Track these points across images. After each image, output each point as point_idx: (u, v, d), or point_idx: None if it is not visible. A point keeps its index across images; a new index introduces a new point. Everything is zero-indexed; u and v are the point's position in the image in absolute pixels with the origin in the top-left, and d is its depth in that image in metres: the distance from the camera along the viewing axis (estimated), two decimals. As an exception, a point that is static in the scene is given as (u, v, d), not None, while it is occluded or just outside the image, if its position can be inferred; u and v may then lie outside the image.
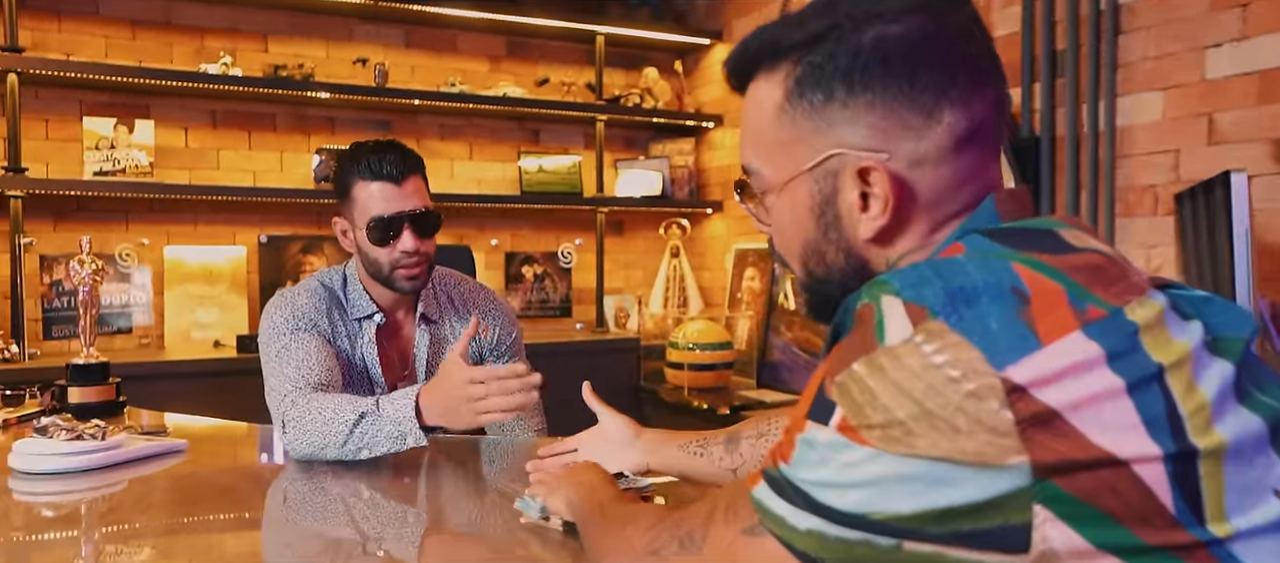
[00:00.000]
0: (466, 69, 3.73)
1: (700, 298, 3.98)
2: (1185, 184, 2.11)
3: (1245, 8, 2.01)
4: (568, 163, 3.81)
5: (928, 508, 0.58)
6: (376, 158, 1.62)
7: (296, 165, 3.45)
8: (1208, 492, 0.57)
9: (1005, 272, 0.61)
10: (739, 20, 3.78)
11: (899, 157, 0.70)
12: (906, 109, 0.69)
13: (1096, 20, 2.29)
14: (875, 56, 0.69)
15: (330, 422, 1.37)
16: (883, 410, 0.59)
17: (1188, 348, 0.60)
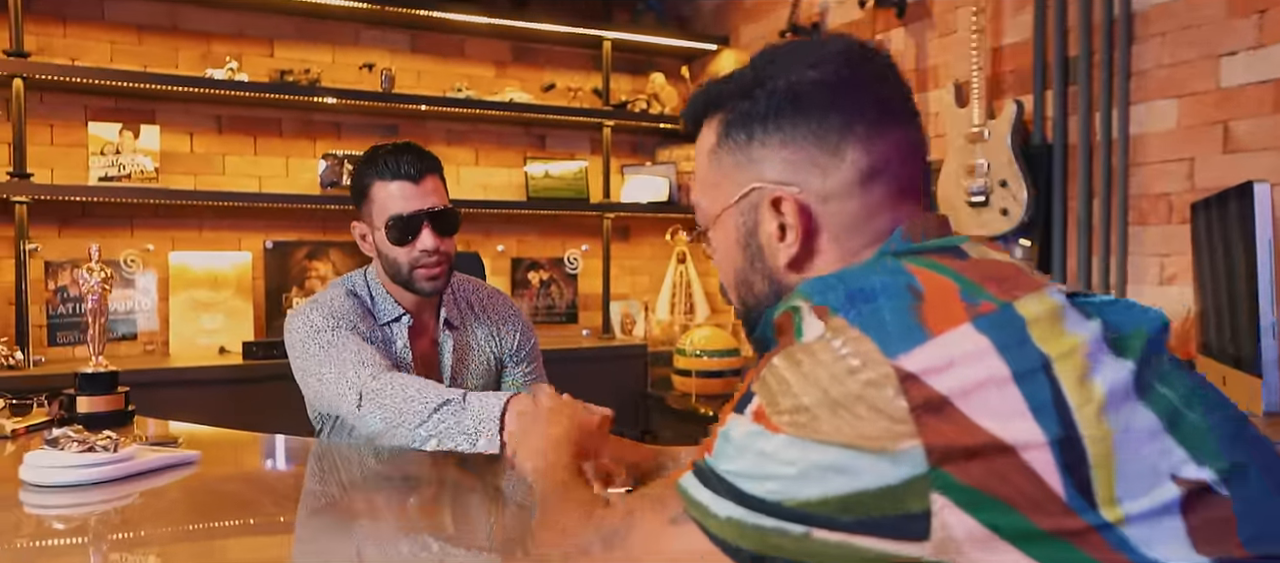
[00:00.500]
0: (473, 74, 3.72)
1: (707, 304, 3.97)
2: (1201, 193, 2.10)
3: (1262, 15, 2.00)
4: (574, 169, 3.80)
5: (833, 494, 0.62)
6: (394, 158, 1.61)
7: (302, 171, 3.43)
8: (1098, 479, 0.60)
9: (901, 273, 0.68)
10: (747, 25, 3.78)
11: (809, 190, 0.77)
12: (815, 147, 0.76)
13: (1109, 28, 2.28)
14: (788, 100, 0.77)
15: (412, 400, 1.34)
16: (792, 398, 0.64)
17: (1080, 342, 0.63)
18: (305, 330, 1.57)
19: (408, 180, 1.60)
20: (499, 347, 1.81)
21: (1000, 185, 2.45)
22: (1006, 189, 2.44)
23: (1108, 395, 0.61)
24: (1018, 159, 2.42)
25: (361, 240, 1.71)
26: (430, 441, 1.31)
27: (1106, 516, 0.59)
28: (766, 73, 0.79)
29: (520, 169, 3.78)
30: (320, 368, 1.50)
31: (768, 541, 0.65)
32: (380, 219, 1.62)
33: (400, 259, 1.62)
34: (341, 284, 1.73)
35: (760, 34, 3.68)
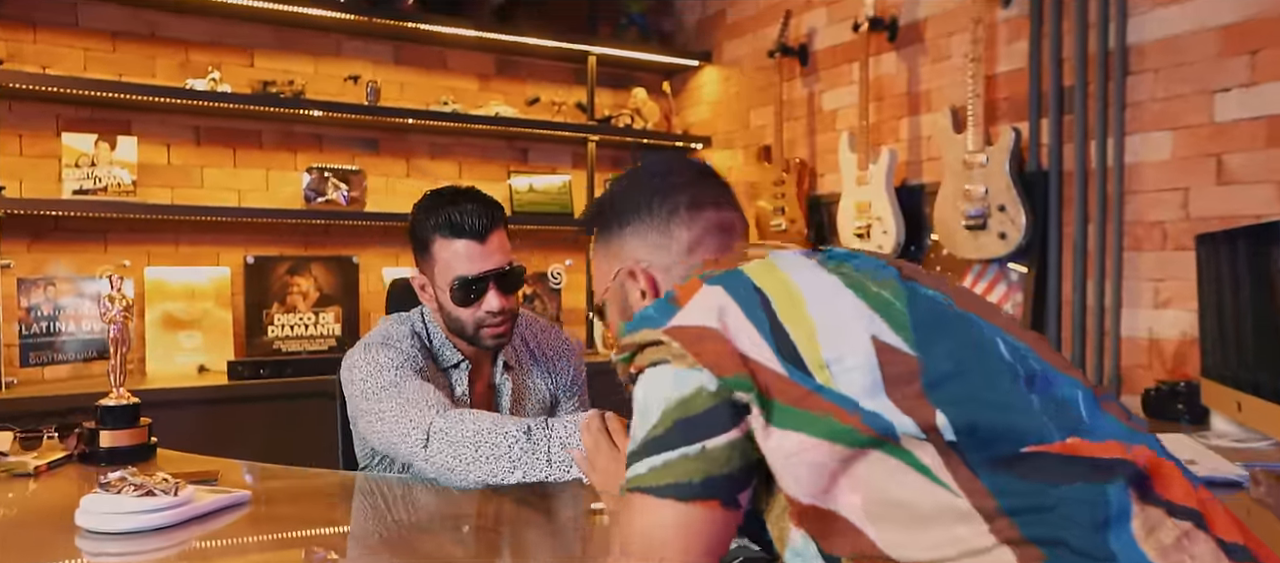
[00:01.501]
0: (456, 87, 3.68)
1: (688, 319, 3.99)
2: (1195, 222, 2.20)
3: (1254, 55, 2.11)
4: (558, 183, 3.78)
5: (686, 391, 0.81)
6: (458, 212, 1.53)
7: (283, 184, 3.35)
8: (804, 350, 0.80)
9: (668, 295, 0.91)
10: (729, 42, 3.81)
11: (654, 263, 1.05)
12: (650, 230, 1.05)
13: (1104, 60, 2.37)
14: (631, 203, 1.07)
15: (489, 433, 1.32)
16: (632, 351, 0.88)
17: (785, 269, 0.87)
18: (369, 368, 1.53)
19: (474, 239, 1.53)
20: (554, 384, 1.79)
21: (998, 210, 2.53)
22: (1004, 213, 2.51)
23: (805, 289, 0.85)
24: (1015, 185, 2.50)
25: (421, 291, 1.65)
26: (515, 472, 1.29)
27: (819, 379, 0.79)
28: (622, 186, 1.10)
29: (503, 183, 3.75)
30: (381, 407, 1.47)
31: (678, 470, 0.81)
32: (443, 279, 1.56)
33: (464, 318, 1.58)
34: (403, 322, 1.67)
35: (743, 51, 3.72)
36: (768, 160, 3.41)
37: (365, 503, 1.53)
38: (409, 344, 1.59)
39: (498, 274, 1.55)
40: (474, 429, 1.32)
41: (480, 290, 1.54)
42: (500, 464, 1.29)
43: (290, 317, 3.25)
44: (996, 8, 2.67)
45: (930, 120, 2.91)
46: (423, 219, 1.58)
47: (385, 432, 1.44)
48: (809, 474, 0.78)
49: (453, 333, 1.63)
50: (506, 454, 1.29)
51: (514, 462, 1.28)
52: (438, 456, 1.35)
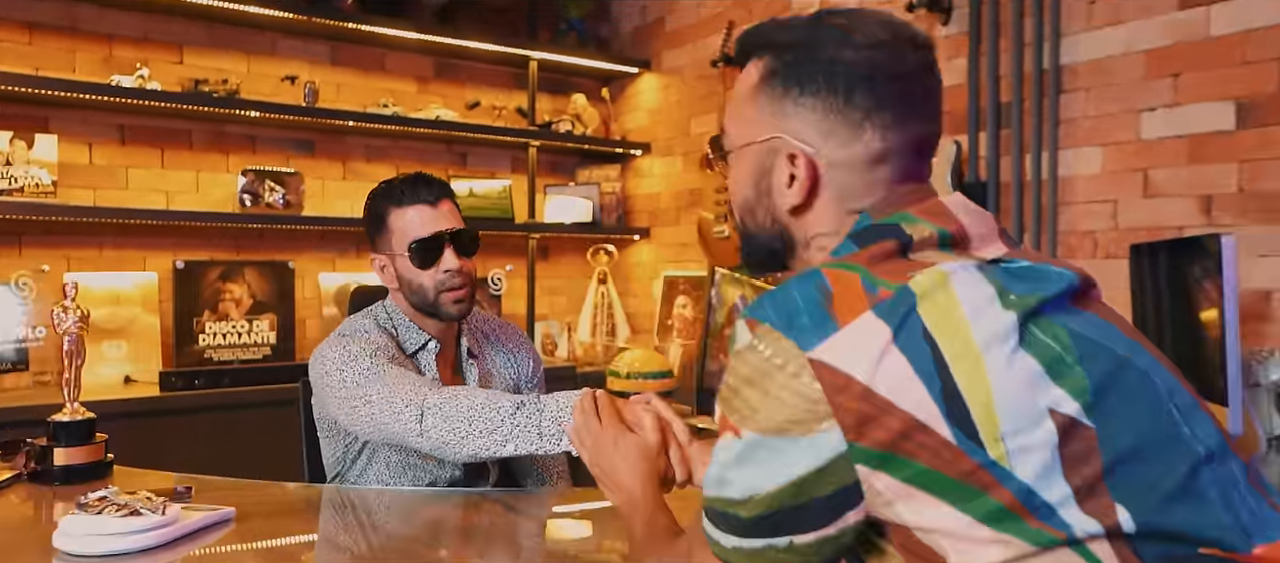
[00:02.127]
0: (395, 89, 3.61)
1: (628, 325, 4.01)
2: (1124, 232, 2.35)
3: (1176, 77, 2.26)
4: (498, 188, 3.75)
5: (782, 483, 0.73)
6: (410, 186, 1.64)
7: (215, 186, 3.23)
8: (981, 421, 0.69)
9: (815, 275, 0.77)
10: (668, 51, 3.86)
11: (823, 155, 0.86)
12: (838, 120, 0.85)
13: (1039, 78, 2.50)
14: (825, 73, 0.85)
15: (483, 407, 1.33)
16: (737, 394, 0.76)
17: (963, 305, 0.72)
18: (342, 358, 1.53)
19: (425, 205, 1.63)
20: (517, 372, 1.84)
21: (940, 219, 2.63)
22: (946, 223, 2.62)
23: (983, 348, 0.71)
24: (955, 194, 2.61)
25: (381, 272, 1.70)
26: (507, 445, 1.30)
27: (992, 454, 0.69)
28: (817, 37, 0.86)
29: (444, 188, 3.70)
30: (366, 391, 1.46)
31: (767, 557, 0.76)
32: (401, 246, 1.62)
33: (425, 283, 1.62)
34: (366, 316, 1.70)
35: (683, 60, 3.77)
36: (710, 168, 3.45)
37: (351, 517, 1.50)
38: (375, 333, 1.61)
39: (452, 234, 1.62)
40: (468, 405, 1.34)
41: (437, 249, 1.60)
42: (494, 437, 1.31)
43: (222, 324, 3.13)
44: (938, 25, 2.78)
45: (871, 132, 3.01)
46: (377, 201, 1.67)
47: (375, 414, 1.43)
48: (962, 546, 0.70)
49: (416, 308, 1.66)
50: (500, 427, 1.31)
51: (506, 435, 1.31)
52: (433, 430, 1.35)
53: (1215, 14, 2.19)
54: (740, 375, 0.76)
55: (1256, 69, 2.13)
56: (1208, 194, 2.21)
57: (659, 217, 3.96)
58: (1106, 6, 2.39)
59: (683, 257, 3.83)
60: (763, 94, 0.89)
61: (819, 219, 0.88)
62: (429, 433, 1.36)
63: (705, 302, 3.62)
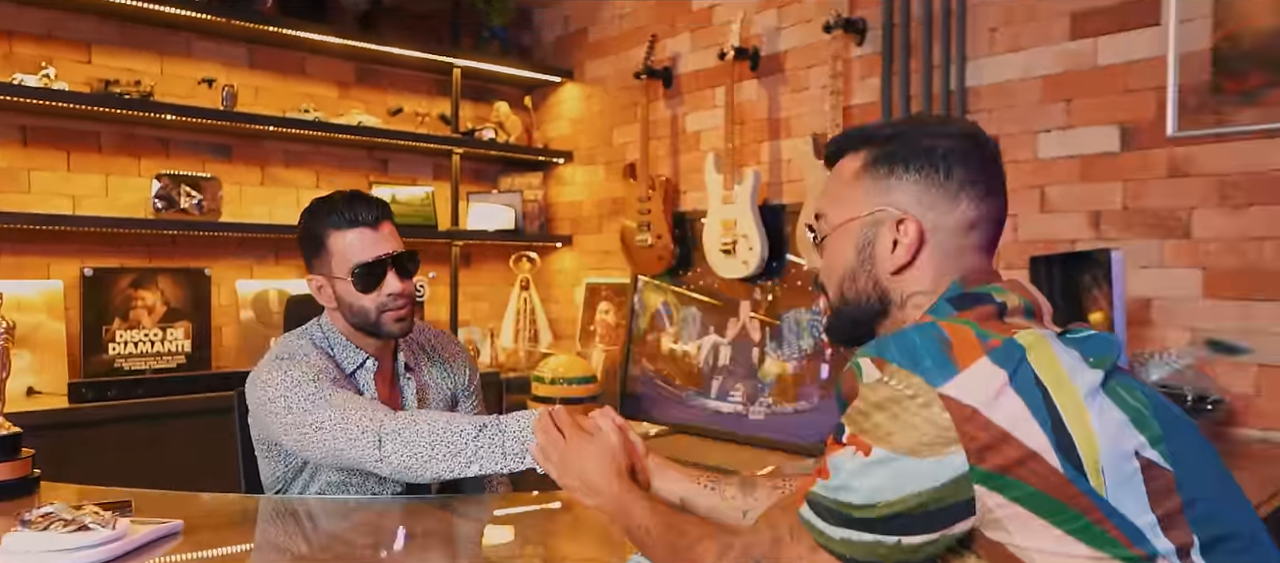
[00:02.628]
0: (315, 94, 3.56)
1: (550, 330, 4.05)
2: (1024, 245, 2.53)
3: (1069, 102, 2.45)
4: (421, 194, 3.74)
5: (907, 494, 0.84)
6: (348, 206, 1.62)
7: (125, 190, 3.12)
8: (1085, 456, 0.83)
9: (933, 327, 0.90)
10: (591, 61, 3.92)
11: (926, 221, 1.01)
12: (938, 192, 1.01)
13: (947, 99, 2.67)
14: (925, 152, 1.01)
15: (444, 432, 1.36)
16: (868, 417, 0.87)
17: (1063, 361, 0.87)
18: (285, 384, 1.52)
19: (366, 227, 1.62)
20: (453, 383, 1.86)
21: (855, 230, 2.77)
22: (861, 234, 2.77)
23: (1084, 395, 0.86)
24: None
25: (319, 292, 1.68)
26: (472, 466, 1.34)
27: (1093, 484, 0.82)
28: (913, 128, 1.04)
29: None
30: (317, 418, 1.46)
31: (874, 551, 0.87)
32: (341, 269, 1.62)
33: (368, 305, 1.62)
34: (301, 336, 1.68)
35: (606, 71, 3.84)
36: (633, 177, 3.54)
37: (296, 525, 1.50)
38: (315, 356, 1.60)
39: (394, 257, 1.62)
40: (429, 430, 1.37)
41: (380, 274, 1.60)
42: (458, 460, 1.35)
43: (134, 333, 3.03)
44: (852, 45, 2.93)
45: (791, 145, 3.15)
46: (315, 220, 1.64)
47: (328, 441, 1.44)
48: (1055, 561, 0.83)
49: (356, 329, 1.66)
50: (464, 450, 1.34)
51: (471, 457, 1.34)
52: (394, 456, 1.38)
53: (1102, 45, 2.39)
54: (871, 402, 0.87)
55: (1138, 96, 2.33)
56: (1096, 210, 2.41)
57: (581, 224, 4.01)
58: (1007, 34, 2.58)
59: (605, 264, 3.90)
60: (866, 177, 1.03)
61: (918, 278, 1.01)
62: (389, 459, 1.38)
63: (628, 308, 3.70)
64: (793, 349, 3.09)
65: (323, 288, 1.66)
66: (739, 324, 3.28)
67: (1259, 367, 2.16)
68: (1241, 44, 2.16)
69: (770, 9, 3.20)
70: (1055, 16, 2.48)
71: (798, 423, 3.03)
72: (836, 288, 1.07)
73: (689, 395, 3.40)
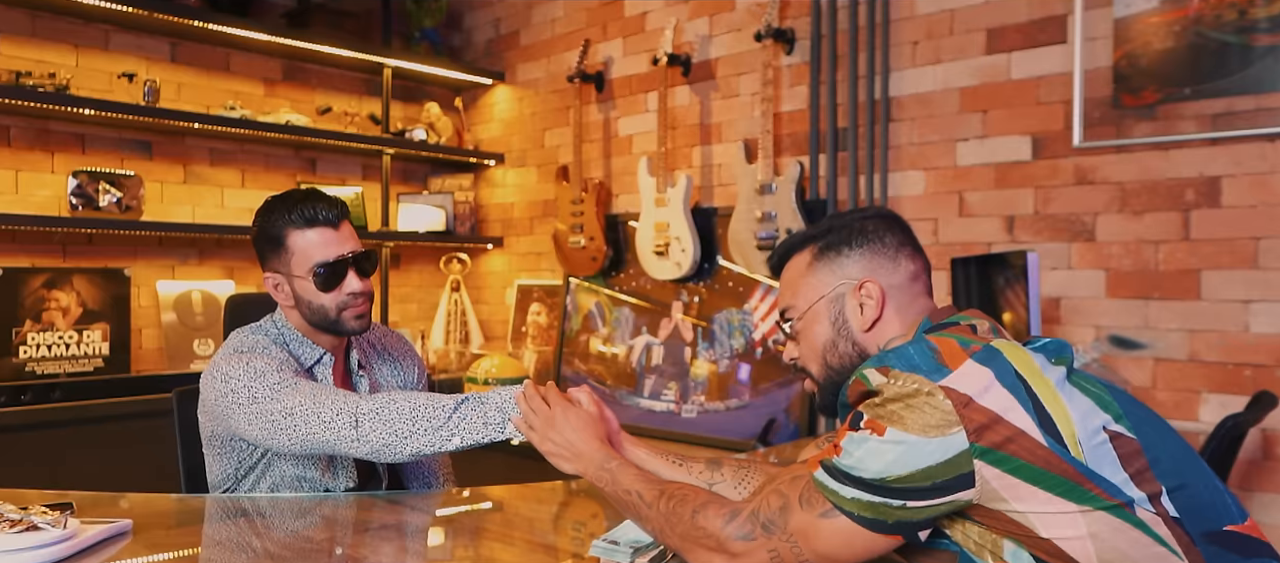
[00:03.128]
0: (240, 91, 3.49)
1: (480, 332, 4.05)
2: (944, 247, 2.67)
3: (985, 113, 2.60)
4: (350, 194, 3.69)
5: (915, 469, 0.97)
6: (309, 206, 1.63)
7: (38, 187, 3.00)
8: (1064, 434, 0.98)
9: (923, 340, 1.06)
10: (523, 64, 3.94)
11: (880, 280, 1.18)
12: (883, 257, 1.20)
13: (872, 108, 2.80)
14: (861, 231, 1.21)
15: (423, 407, 1.38)
16: (887, 407, 1.01)
17: (1033, 358, 1.03)
18: (248, 375, 1.51)
19: (327, 226, 1.63)
20: (403, 381, 1.87)
21: (787, 232, 2.88)
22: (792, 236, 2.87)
23: (1056, 384, 1.01)
24: (800, 211, 2.87)
25: (275, 290, 1.67)
26: (453, 439, 1.37)
27: (1074, 454, 0.97)
28: (842, 219, 1.24)
29: (292, 193, 3.60)
30: (286, 405, 1.47)
31: (880, 511, 1.00)
32: (302, 267, 1.62)
33: (328, 304, 1.63)
34: (258, 331, 1.67)
35: (538, 74, 3.87)
36: (566, 180, 3.58)
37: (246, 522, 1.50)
38: (274, 349, 1.61)
39: (355, 257, 1.65)
40: (409, 406, 1.40)
41: (341, 273, 1.62)
42: (440, 433, 1.38)
43: (47, 335, 2.92)
44: (782, 54, 3.03)
45: (723, 150, 3.23)
46: (273, 219, 1.64)
47: (300, 427, 1.44)
48: (1049, 521, 0.97)
49: (314, 326, 1.67)
50: (445, 423, 1.37)
51: (454, 429, 1.37)
52: (373, 435, 1.39)
53: (1015, 60, 2.55)
54: (886, 396, 1.00)
55: (1047, 109, 2.49)
56: (1010, 214, 2.56)
57: (512, 226, 4.03)
58: (928, 48, 2.72)
59: (537, 265, 3.92)
60: (819, 264, 1.21)
61: (888, 327, 1.18)
62: (368, 438, 1.39)
63: (561, 309, 3.73)
64: (724, 349, 3.18)
65: (280, 286, 1.66)
66: (671, 325, 3.35)
67: (1155, 361, 2.33)
68: (1139, 63, 2.34)
69: (701, 17, 3.29)
70: (972, 33, 2.63)
71: (729, 420, 3.11)
72: (820, 362, 1.21)
73: (621, 395, 3.46)
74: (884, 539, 1.01)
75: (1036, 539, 0.98)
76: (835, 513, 1.01)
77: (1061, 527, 0.97)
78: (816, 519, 1.02)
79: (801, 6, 2.99)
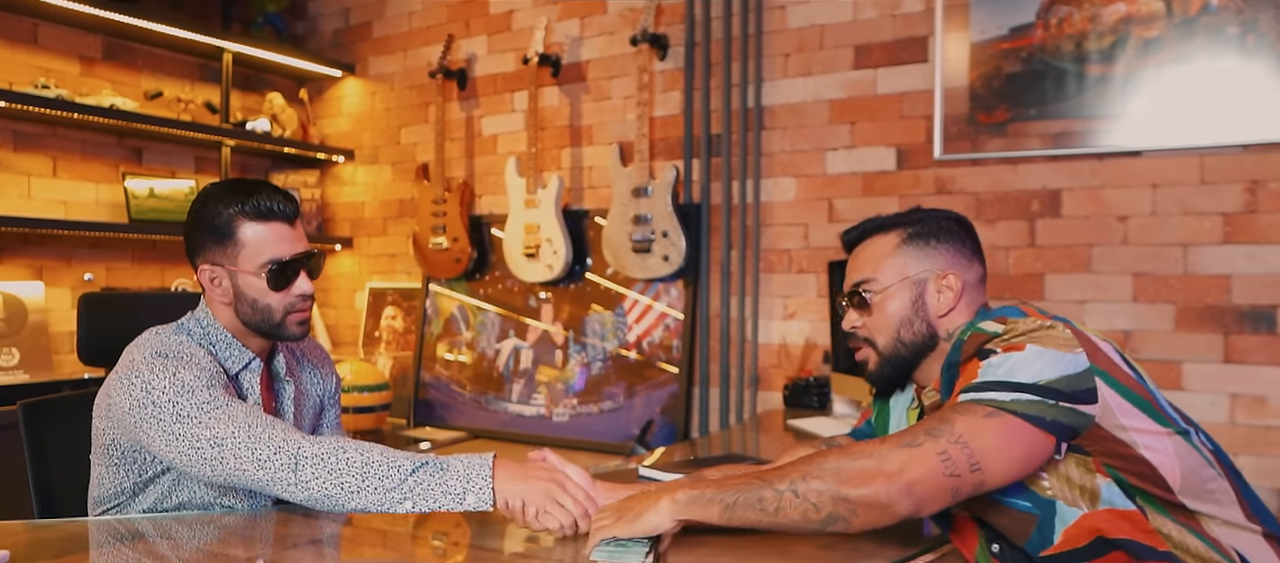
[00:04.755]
0: (51, 68, 3.11)
1: (328, 337, 3.82)
2: (814, 251, 2.80)
3: (853, 125, 2.76)
4: (184, 189, 3.38)
5: (1058, 375, 1.08)
6: (264, 198, 1.48)
7: None
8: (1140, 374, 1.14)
9: (1011, 309, 1.23)
10: (375, 57, 3.76)
11: (959, 275, 1.31)
12: (962, 255, 1.33)
13: (745, 115, 2.89)
14: (947, 230, 1.34)
15: (376, 464, 1.24)
16: (1018, 334, 1.12)
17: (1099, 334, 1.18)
18: (174, 389, 1.34)
19: (283, 222, 1.49)
20: (323, 389, 1.75)
21: (662, 236, 2.91)
22: (667, 239, 2.91)
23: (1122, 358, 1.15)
24: (675, 215, 2.91)
25: (212, 284, 1.50)
26: (405, 502, 1.25)
27: (1149, 387, 1.13)
28: (930, 214, 1.36)
29: (117, 184, 3.25)
30: (215, 433, 1.30)
31: (1040, 407, 1.07)
32: (251, 262, 1.47)
33: (274, 304, 1.49)
34: (179, 332, 1.49)
35: (393, 68, 3.71)
36: (426, 179, 3.44)
37: (141, 544, 1.33)
38: (201, 356, 1.43)
39: (306, 257, 1.53)
40: (361, 459, 1.26)
41: (293, 273, 1.50)
42: (391, 495, 1.25)
43: None
44: (655, 59, 3.07)
45: (594, 152, 3.23)
46: (220, 205, 1.48)
47: (231, 460, 1.28)
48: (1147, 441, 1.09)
49: (248, 327, 1.51)
50: (400, 485, 1.25)
51: (406, 493, 1.25)
52: (314, 482, 1.25)
53: (881, 76, 2.72)
54: (1015, 330, 1.12)
55: (910, 123, 2.67)
56: (876, 221, 2.72)
57: (363, 226, 3.83)
58: (799, 60, 2.84)
59: (391, 267, 3.75)
60: (908, 248, 1.32)
61: (958, 316, 1.30)
62: (308, 485, 1.26)
63: (419, 313, 3.58)
64: (597, 351, 3.17)
65: (218, 280, 1.49)
66: (541, 327, 3.31)
67: (1005, 356, 2.55)
68: (992, 84, 2.56)
69: (572, 19, 3.27)
70: (841, 48, 2.77)
71: (603, 423, 3.11)
72: (892, 336, 1.31)
73: (488, 400, 3.36)
74: (1043, 438, 1.07)
75: (1136, 462, 1.08)
76: (998, 412, 1.07)
77: (1156, 448, 1.08)
78: (981, 419, 1.07)
79: (676, 14, 3.04)
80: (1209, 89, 2.31)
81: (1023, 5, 2.52)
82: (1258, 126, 2.26)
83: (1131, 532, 1.09)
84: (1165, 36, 2.36)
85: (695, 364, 2.98)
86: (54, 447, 1.65)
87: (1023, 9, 2.52)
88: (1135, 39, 2.39)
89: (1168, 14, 2.36)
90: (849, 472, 1.06)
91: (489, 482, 1.25)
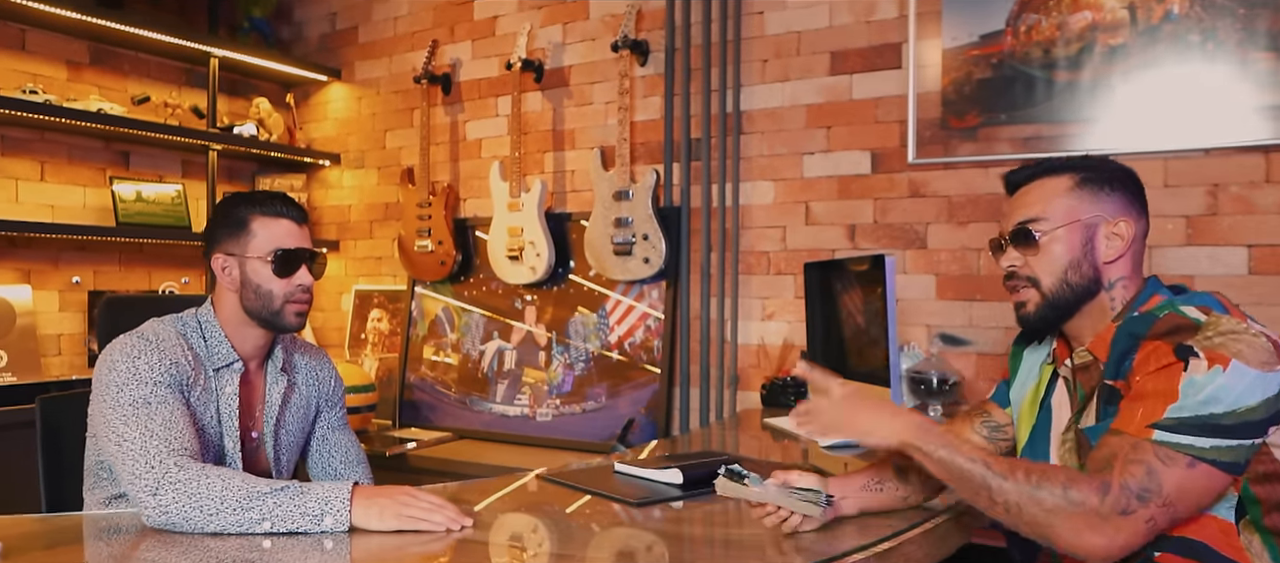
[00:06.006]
0: (39, 73, 3.14)
1: (315, 339, 3.85)
2: (791, 253, 2.85)
3: (829, 129, 2.81)
4: (171, 192, 3.41)
5: (1256, 403, 1.08)
6: (280, 201, 1.66)
7: None
8: None
9: (1210, 295, 1.23)
10: (361, 62, 3.80)
11: (1130, 224, 1.31)
12: (1135, 207, 1.32)
13: (724, 120, 2.94)
14: (1121, 178, 1.33)
15: (236, 487, 1.30)
16: (1220, 340, 1.12)
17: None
18: (128, 377, 1.44)
19: (294, 221, 1.66)
20: (318, 390, 1.83)
21: (643, 238, 2.96)
22: (648, 242, 2.96)
23: None
24: (655, 217, 2.96)
25: (222, 272, 1.62)
26: (263, 523, 1.29)
27: None
28: (1101, 162, 1.34)
29: (103, 188, 3.28)
30: (125, 430, 1.39)
31: (1236, 453, 1.09)
32: (260, 250, 1.61)
33: (276, 291, 1.61)
34: (173, 323, 1.59)
35: (379, 73, 3.75)
36: (411, 183, 3.49)
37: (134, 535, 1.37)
38: (175, 350, 1.53)
39: (312, 253, 1.67)
40: (221, 483, 1.31)
41: (297, 263, 1.63)
42: (247, 515, 1.30)
43: None
44: (636, 65, 3.12)
45: (576, 156, 3.28)
46: (239, 204, 1.65)
47: (122, 458, 1.38)
48: None
49: (250, 316, 1.62)
50: (257, 505, 1.30)
51: (263, 513, 1.30)
52: (173, 506, 1.31)
53: (856, 82, 2.77)
54: (1215, 330, 1.12)
55: (885, 128, 2.73)
56: (852, 223, 2.78)
57: (349, 229, 3.87)
58: (776, 66, 2.90)
59: (377, 270, 3.79)
60: (1081, 190, 1.31)
61: (1123, 265, 1.30)
62: (167, 509, 1.31)
63: (405, 315, 3.62)
64: (579, 352, 3.22)
65: (228, 269, 1.62)
66: (525, 329, 3.35)
67: (977, 355, 2.62)
68: (964, 90, 2.62)
69: (555, 25, 3.32)
70: (817, 54, 2.83)
71: (586, 423, 3.15)
72: (1059, 276, 1.30)
73: (472, 401, 3.41)
74: (1230, 479, 1.11)
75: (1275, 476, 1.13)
76: (1197, 464, 1.09)
77: None
78: (1185, 470, 1.09)
79: (656, 20, 3.09)
80: (1172, 95, 2.38)
81: (993, 13, 2.58)
82: (1218, 131, 2.32)
83: (1216, 540, 1.15)
84: (1130, 44, 2.43)
85: (676, 364, 3.03)
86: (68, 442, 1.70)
87: (993, 16, 2.58)
88: (1101, 46, 2.46)
89: (1132, 22, 2.43)
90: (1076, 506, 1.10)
91: (346, 503, 1.31)
